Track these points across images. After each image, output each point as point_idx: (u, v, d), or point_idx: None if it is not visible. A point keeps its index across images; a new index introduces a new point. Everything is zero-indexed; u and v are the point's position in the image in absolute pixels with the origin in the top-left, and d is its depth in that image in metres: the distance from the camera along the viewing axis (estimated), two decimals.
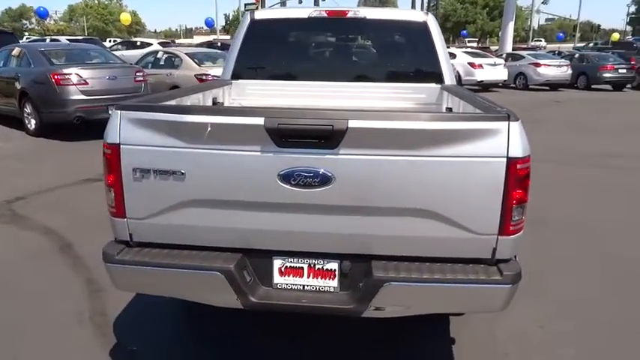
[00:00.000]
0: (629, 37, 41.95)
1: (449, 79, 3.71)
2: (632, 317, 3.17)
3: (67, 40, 19.45)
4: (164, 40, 26.12)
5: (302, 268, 2.24)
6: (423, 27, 3.67)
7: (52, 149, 8.17)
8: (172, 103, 2.67)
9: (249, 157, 2.05)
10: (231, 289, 2.15)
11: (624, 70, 19.93)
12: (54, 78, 8.00)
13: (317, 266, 2.24)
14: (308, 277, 2.25)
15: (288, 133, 1.99)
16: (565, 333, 2.98)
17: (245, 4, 40.32)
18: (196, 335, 3.03)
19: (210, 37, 34.87)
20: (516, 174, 1.98)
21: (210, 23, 35.10)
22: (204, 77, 10.41)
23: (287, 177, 2.03)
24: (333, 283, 2.24)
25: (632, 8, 40.88)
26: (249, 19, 3.81)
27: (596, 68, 19.91)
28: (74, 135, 8.62)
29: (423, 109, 3.57)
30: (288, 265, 2.25)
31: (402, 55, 3.86)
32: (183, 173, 2.09)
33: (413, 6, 37.26)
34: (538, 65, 19.39)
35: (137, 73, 8.99)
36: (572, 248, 4.27)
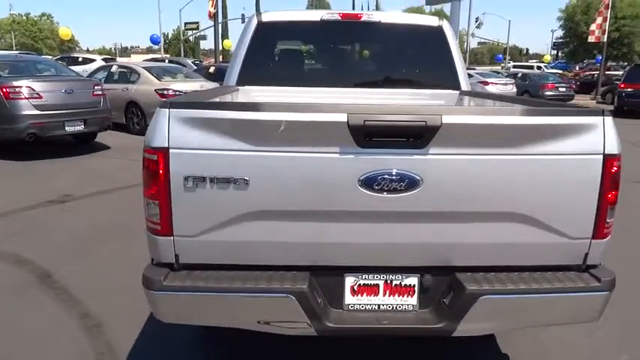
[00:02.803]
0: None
1: (465, 85, 3.63)
2: None
3: None
4: (108, 57, 24.96)
5: (377, 285, 2.00)
6: (439, 32, 3.57)
7: (5, 171, 7.33)
8: None
9: (327, 160, 1.80)
10: (303, 314, 1.86)
11: (564, 89, 21.22)
12: (3, 91, 7.23)
13: (394, 282, 2.00)
14: (384, 295, 2.00)
15: (375, 131, 1.76)
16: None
17: (185, 24, 39.74)
18: None
19: (149, 56, 33.71)
20: (612, 172, 1.86)
21: (156, 40, 33.92)
22: (165, 92, 9.91)
23: (369, 181, 1.80)
24: (412, 300, 2.01)
25: (559, 33, 44.25)
26: (255, 22, 3.54)
27: (539, 87, 21.07)
28: (27, 154, 7.85)
29: None
30: (362, 282, 1.99)
31: (418, 61, 3.73)
32: (247, 181, 1.80)
33: None
34: (486, 84, 20.20)
35: (95, 87, 8.36)
36: None
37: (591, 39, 23.89)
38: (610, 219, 1.93)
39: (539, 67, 33.03)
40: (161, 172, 1.82)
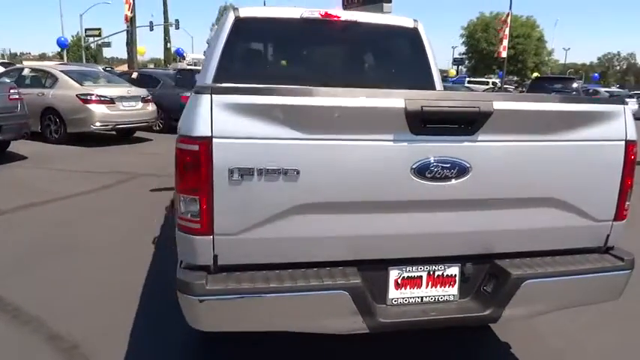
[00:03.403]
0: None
1: (439, 85, 3.74)
2: None
3: None
4: (6, 62, 22.66)
5: (420, 277, 1.97)
6: (415, 33, 3.65)
7: None
8: None
9: (380, 148, 1.75)
10: (356, 310, 1.78)
11: None
12: None
13: (437, 273, 1.98)
14: (426, 286, 1.98)
15: (431, 118, 1.74)
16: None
17: (86, 29, 37.77)
18: None
19: (44, 63, 31.39)
20: (632, 157, 2.00)
21: (63, 43, 31.56)
22: (89, 97, 9.16)
23: (422, 170, 1.77)
24: (453, 290, 2.00)
25: (460, 49, 47.94)
26: (233, 17, 3.37)
27: None
28: None
29: None
30: (406, 275, 1.95)
31: (394, 61, 3.78)
32: (297, 172, 1.69)
33: None
34: None
35: (11, 90, 7.50)
36: None
37: (496, 55, 26.36)
38: (628, 201, 2.07)
39: (494, 83, 36.00)
40: (203, 164, 1.65)
